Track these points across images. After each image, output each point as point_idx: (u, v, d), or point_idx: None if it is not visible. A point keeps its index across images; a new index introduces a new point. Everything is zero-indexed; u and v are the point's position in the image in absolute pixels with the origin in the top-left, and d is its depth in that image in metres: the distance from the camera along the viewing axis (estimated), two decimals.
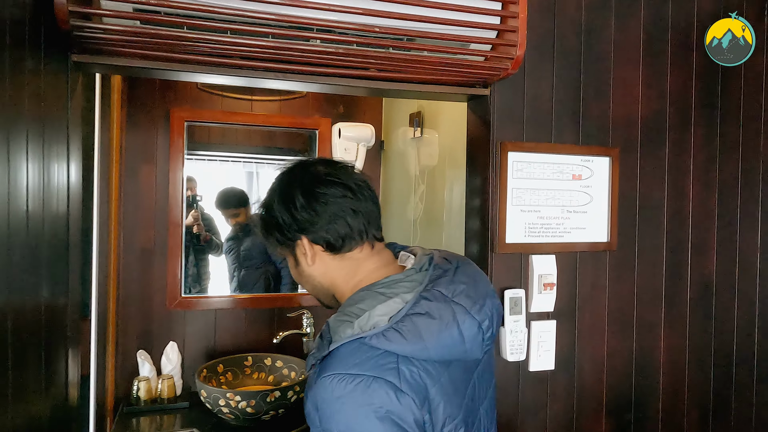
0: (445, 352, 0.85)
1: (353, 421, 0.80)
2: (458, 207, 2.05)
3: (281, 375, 2.23)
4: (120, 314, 2.19)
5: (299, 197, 0.94)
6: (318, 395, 0.83)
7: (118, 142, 2.16)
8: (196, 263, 2.36)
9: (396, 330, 0.83)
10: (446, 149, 2.12)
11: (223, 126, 2.34)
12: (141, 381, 2.10)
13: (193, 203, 2.34)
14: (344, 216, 0.93)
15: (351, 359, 0.83)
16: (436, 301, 0.87)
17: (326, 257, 0.96)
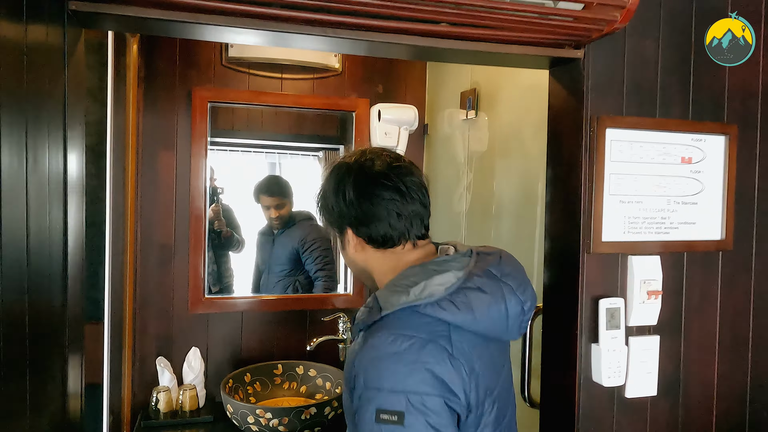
0: (490, 325, 0.91)
1: (405, 377, 0.82)
2: (510, 198, 1.79)
3: (315, 386, 2.00)
4: (137, 317, 1.97)
5: (350, 192, 0.98)
6: (368, 354, 0.86)
7: (135, 125, 1.93)
8: (216, 260, 2.16)
9: (450, 300, 0.88)
10: (499, 134, 1.86)
11: (248, 108, 2.11)
12: (160, 392, 1.89)
13: (214, 196, 2.11)
14: (388, 218, 0.97)
15: (405, 323, 0.87)
16: (487, 278, 0.93)
17: (369, 248, 1.01)
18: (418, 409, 0.81)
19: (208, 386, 2.02)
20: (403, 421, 0.81)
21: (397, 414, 0.81)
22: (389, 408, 0.82)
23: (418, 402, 0.82)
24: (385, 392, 0.82)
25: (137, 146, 1.94)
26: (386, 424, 0.81)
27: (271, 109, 2.16)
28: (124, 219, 1.92)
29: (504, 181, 1.85)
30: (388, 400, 0.82)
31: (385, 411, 0.82)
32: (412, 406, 0.81)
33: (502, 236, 1.83)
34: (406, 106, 2.13)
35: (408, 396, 0.82)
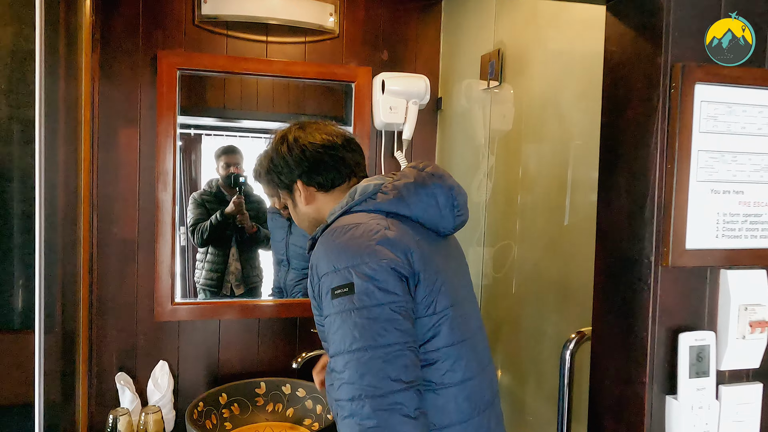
0: (422, 210, 1.02)
1: (347, 256, 0.91)
2: (541, 187, 1.43)
3: (304, 409, 1.68)
4: (94, 325, 1.66)
5: (295, 147, 1.13)
6: (316, 254, 0.96)
7: (88, 96, 1.61)
8: (239, 258, 1.86)
9: (381, 192, 1.03)
10: (527, 108, 1.49)
11: (241, 83, 1.77)
12: (120, 415, 1.58)
13: (236, 185, 1.80)
14: (334, 164, 1.13)
15: (343, 221, 0.99)
16: (410, 172, 1.06)
17: (319, 195, 1.15)
18: (364, 276, 0.89)
19: (178, 406, 1.71)
20: (354, 289, 0.89)
21: (347, 285, 0.89)
22: (339, 283, 0.90)
23: (364, 270, 0.89)
24: (333, 273, 0.91)
25: (92, 121, 1.62)
26: (340, 297, 0.89)
27: (268, 85, 1.82)
28: (77, 207, 1.61)
29: (532, 166, 1.49)
30: (337, 277, 0.90)
31: (338, 287, 0.90)
32: (358, 275, 0.89)
33: (530, 232, 1.48)
34: (415, 76, 1.78)
35: (354, 268, 0.90)
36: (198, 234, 1.84)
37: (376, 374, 0.84)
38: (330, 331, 0.91)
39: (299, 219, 1.19)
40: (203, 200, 1.85)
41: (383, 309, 0.88)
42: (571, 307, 1.21)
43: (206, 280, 1.85)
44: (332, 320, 0.90)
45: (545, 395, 1.33)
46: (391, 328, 0.88)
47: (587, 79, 1.19)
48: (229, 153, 1.87)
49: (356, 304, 0.88)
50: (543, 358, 1.33)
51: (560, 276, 1.25)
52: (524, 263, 1.49)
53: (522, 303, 1.50)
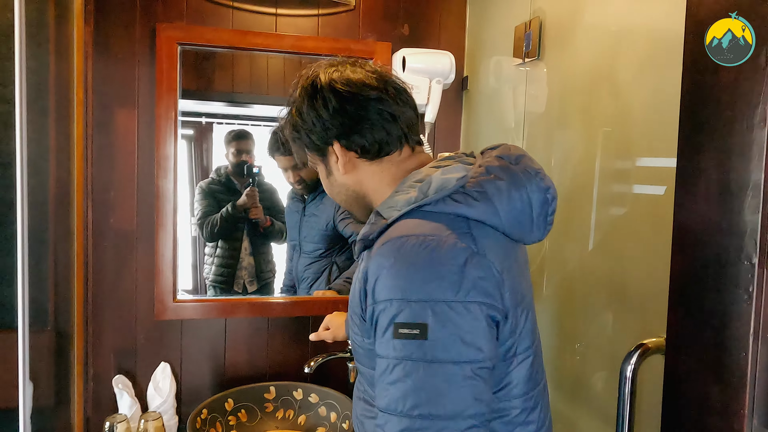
0: (513, 220, 0.78)
1: (424, 284, 0.68)
2: (582, 174, 1.26)
3: (316, 416, 1.54)
4: (90, 324, 1.53)
5: (332, 100, 0.84)
6: (376, 266, 0.72)
7: (81, 74, 1.47)
8: (252, 253, 1.72)
9: (464, 192, 0.77)
10: (569, 87, 1.33)
11: (234, 55, 1.62)
12: (117, 422, 1.45)
13: (249, 176, 1.67)
14: (381, 121, 0.85)
15: (415, 226, 0.74)
16: (500, 165, 0.80)
17: (361, 164, 0.88)
18: (444, 320, 0.68)
19: (181, 412, 1.58)
20: (427, 334, 0.68)
21: (419, 327, 0.68)
22: (409, 320, 0.69)
23: (444, 311, 0.68)
24: (400, 303, 0.69)
25: (85, 102, 1.48)
26: (406, 339, 0.68)
27: (279, 66, 1.67)
28: (69, 197, 1.48)
29: (565, 153, 1.33)
30: (406, 311, 0.69)
31: (405, 324, 0.69)
32: (437, 317, 0.68)
33: (567, 226, 1.32)
34: (439, 52, 1.62)
35: (432, 305, 0.68)
36: (207, 228, 1.69)
37: None
38: (382, 377, 0.71)
39: (332, 191, 0.94)
40: (211, 190, 1.71)
41: (462, 369, 0.68)
42: (625, 312, 1.05)
43: (216, 276, 1.72)
44: (388, 365, 0.70)
45: (592, 413, 1.17)
46: (468, 397, 0.68)
47: (647, 53, 1.02)
48: (240, 139, 1.73)
49: (427, 356, 0.67)
50: (589, 371, 1.18)
51: (610, 276, 1.10)
52: (559, 261, 1.33)
53: (559, 306, 1.34)
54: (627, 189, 1.08)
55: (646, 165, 1.03)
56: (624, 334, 1.06)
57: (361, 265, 0.80)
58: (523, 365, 0.79)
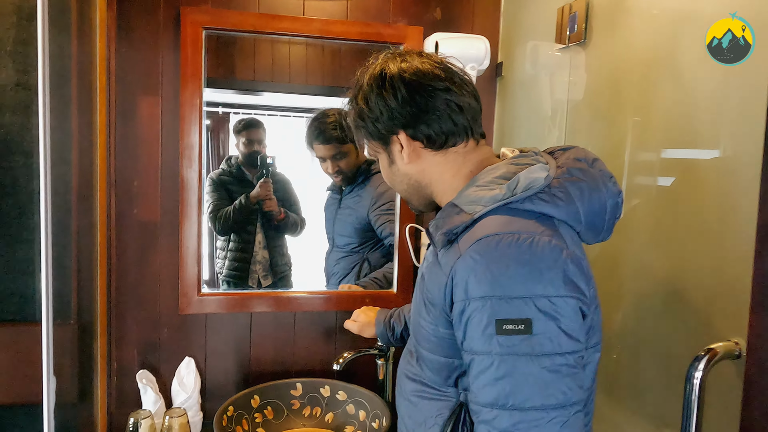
0: (591, 220, 0.80)
1: (526, 280, 0.70)
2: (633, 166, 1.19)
3: (345, 414, 1.49)
4: (113, 317, 1.49)
5: (401, 89, 0.86)
6: (469, 261, 0.73)
7: (104, 61, 1.42)
8: (267, 246, 1.67)
9: (551, 192, 0.78)
10: (610, 75, 1.25)
11: (256, 41, 1.56)
12: (141, 418, 1.41)
13: (263, 167, 1.61)
14: (448, 111, 0.86)
15: (505, 222, 0.75)
16: (580, 167, 0.82)
17: (426, 154, 0.89)
18: (547, 314, 0.70)
19: (206, 408, 1.54)
20: (531, 328, 0.70)
21: (523, 322, 0.70)
22: (513, 316, 0.70)
23: (547, 306, 0.71)
24: (500, 300, 0.71)
25: (108, 89, 1.43)
26: (511, 335, 0.70)
27: (302, 54, 1.61)
28: (92, 187, 1.43)
29: (608, 146, 1.26)
30: (508, 308, 0.71)
31: (509, 321, 0.71)
32: (540, 312, 0.70)
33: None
34: (473, 37, 1.54)
35: (534, 300, 0.70)
36: (219, 221, 1.63)
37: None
38: (484, 373, 0.73)
39: (393, 180, 0.95)
40: (222, 181, 1.65)
41: (567, 359, 0.71)
42: (682, 313, 0.98)
43: (229, 271, 1.66)
44: (492, 361, 0.72)
45: (645, 423, 1.11)
46: (574, 386, 0.71)
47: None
48: (250, 128, 1.67)
49: (534, 350, 0.70)
50: (643, 373, 1.11)
51: (667, 274, 1.03)
52: (607, 254, 1.26)
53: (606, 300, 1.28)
54: (685, 181, 1.01)
55: (707, 157, 0.96)
56: (682, 335, 0.99)
57: (441, 258, 0.81)
58: (593, 357, 0.82)
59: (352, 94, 0.93)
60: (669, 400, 1.00)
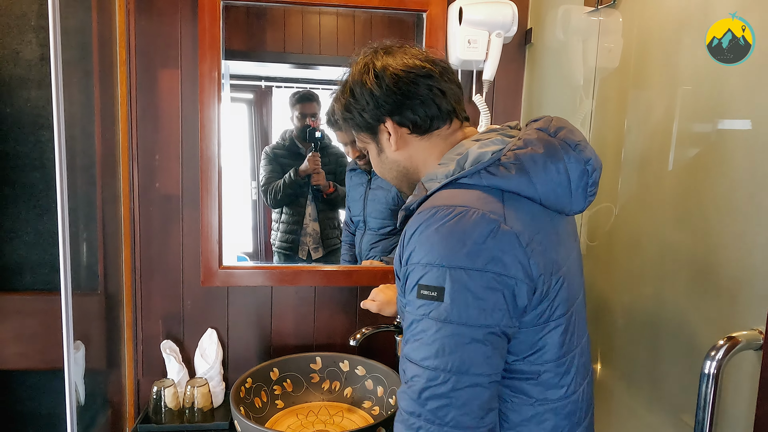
0: (550, 191, 0.81)
1: (447, 251, 0.74)
2: (650, 140, 1.11)
3: (363, 389, 1.49)
4: (138, 288, 1.53)
5: (385, 78, 0.89)
6: (411, 231, 0.78)
7: (123, 32, 1.42)
8: (317, 219, 1.69)
9: (500, 165, 0.81)
10: (642, 38, 1.16)
11: (284, 10, 1.53)
12: (165, 387, 1.45)
13: (312, 141, 1.62)
14: (432, 96, 0.89)
15: (451, 196, 0.79)
16: (538, 137, 0.83)
17: (412, 140, 0.92)
18: (460, 285, 0.73)
19: (228, 379, 1.57)
20: (443, 296, 0.73)
21: (437, 290, 0.74)
22: (430, 283, 0.74)
23: (462, 277, 0.73)
24: (424, 267, 0.75)
25: (128, 62, 1.44)
26: (425, 300, 0.75)
27: (331, 24, 1.58)
28: (115, 160, 1.46)
29: (638, 115, 1.17)
30: (427, 274, 0.75)
31: (426, 286, 0.75)
32: (453, 282, 0.73)
33: (643, 194, 1.17)
34: (500, 2, 1.47)
35: (450, 270, 0.73)
36: (270, 194, 1.66)
37: (442, 405, 0.74)
38: (407, 329, 0.79)
39: (383, 169, 0.98)
40: (275, 155, 1.66)
41: (474, 332, 0.74)
42: (710, 298, 0.91)
43: (282, 243, 1.68)
44: (412, 320, 0.77)
45: (662, 410, 1.05)
46: (475, 357, 0.74)
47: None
48: (304, 101, 1.66)
49: (442, 316, 0.73)
50: (662, 360, 1.05)
51: (692, 255, 0.95)
52: (629, 231, 1.19)
53: (627, 281, 1.21)
54: (713, 155, 0.93)
55: (738, 128, 0.87)
56: (706, 321, 0.92)
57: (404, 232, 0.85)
58: (555, 331, 0.82)
59: (338, 91, 0.95)
60: (688, 388, 0.94)
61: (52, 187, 1.46)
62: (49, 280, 1.50)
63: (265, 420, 1.39)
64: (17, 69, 1.43)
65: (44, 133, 1.45)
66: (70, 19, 1.41)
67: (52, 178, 1.46)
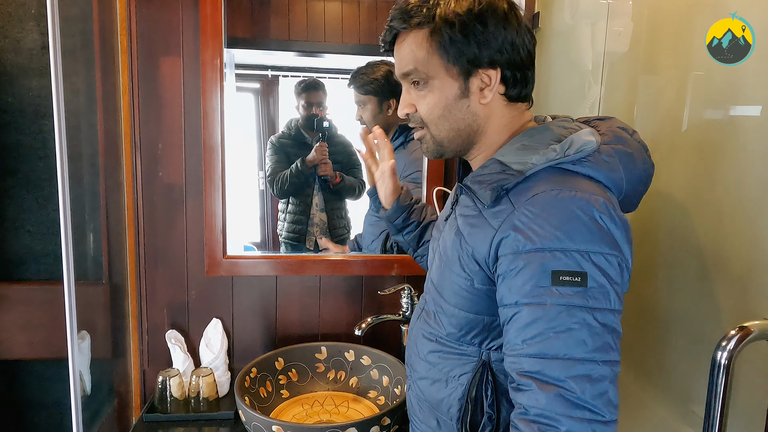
0: (633, 188, 0.82)
1: (583, 235, 0.70)
2: (660, 126, 1.08)
3: (369, 379, 1.48)
4: (143, 278, 1.52)
5: (527, 34, 0.83)
6: (532, 213, 0.72)
7: (124, 20, 1.41)
8: (325, 209, 1.68)
9: (599, 157, 0.79)
10: (653, 22, 1.13)
11: (307, 5, 1.51)
12: (171, 376, 1.45)
13: (319, 130, 1.60)
14: (532, 72, 0.86)
15: (561, 180, 0.75)
16: (624, 136, 0.83)
17: (500, 101, 0.85)
18: (602, 270, 0.70)
19: (233, 369, 1.56)
20: (587, 281, 0.70)
21: (579, 275, 0.70)
22: (569, 268, 0.70)
23: (603, 262, 0.70)
24: (562, 252, 0.70)
25: (129, 51, 1.42)
26: (566, 286, 0.70)
27: (336, 12, 1.56)
28: (118, 149, 1.44)
29: (648, 101, 1.14)
30: (567, 260, 0.70)
31: (565, 272, 0.70)
32: (596, 266, 0.70)
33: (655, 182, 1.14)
34: None
35: (591, 255, 0.70)
36: (277, 184, 1.65)
37: (605, 396, 0.68)
38: (532, 325, 0.71)
39: (451, 115, 0.85)
40: (282, 144, 1.65)
41: (616, 317, 0.71)
42: (721, 287, 0.89)
43: (288, 233, 1.68)
44: (543, 312, 0.70)
45: (671, 401, 1.03)
46: (617, 344, 0.71)
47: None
48: (310, 90, 1.65)
49: (589, 302, 0.69)
50: (672, 350, 1.03)
51: (703, 242, 0.93)
52: (638, 218, 1.17)
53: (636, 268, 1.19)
54: (724, 141, 0.90)
55: (750, 115, 0.85)
56: (717, 311, 0.90)
57: (485, 213, 0.79)
58: None
59: (460, 4, 0.80)
60: (698, 379, 0.92)
61: (55, 177, 1.46)
62: (54, 270, 1.50)
63: (270, 410, 1.38)
64: (19, 58, 1.42)
65: (47, 122, 1.44)
66: (71, 7, 1.40)
67: (55, 167, 1.46)
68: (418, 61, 0.82)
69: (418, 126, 0.89)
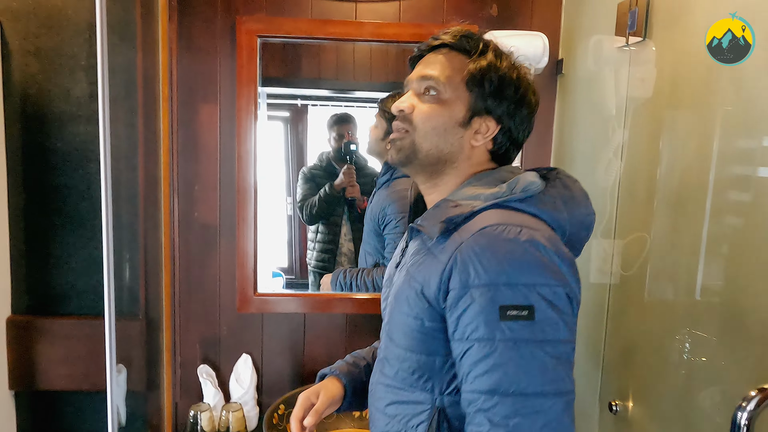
0: (573, 231, 0.84)
1: (529, 268, 0.72)
2: (683, 172, 1.09)
3: None
4: (178, 313, 1.58)
5: (532, 121, 0.89)
6: (478, 247, 0.74)
7: (166, 70, 1.49)
8: (352, 238, 1.71)
9: (542, 197, 0.82)
10: (676, 69, 1.15)
11: (337, 48, 1.58)
12: (202, 411, 1.49)
13: (347, 153, 1.66)
14: (519, 150, 0.92)
15: (507, 216, 0.78)
16: (567, 182, 0.87)
17: (484, 150, 0.88)
18: (549, 302, 0.72)
19: (262, 404, 1.60)
20: (534, 315, 0.71)
21: (527, 308, 0.71)
22: (516, 302, 0.71)
23: (549, 294, 0.72)
24: (504, 287, 0.72)
25: (170, 97, 1.51)
26: (514, 321, 0.71)
27: (365, 52, 1.63)
28: (157, 191, 1.52)
29: (672, 144, 1.16)
30: (514, 294, 0.72)
31: (512, 306, 0.71)
32: (543, 299, 0.71)
33: (675, 226, 1.16)
34: (531, 34, 1.48)
35: (537, 288, 0.72)
36: (306, 209, 1.70)
37: (557, 429, 0.70)
38: (483, 361, 0.72)
39: (441, 136, 0.86)
40: (313, 175, 1.71)
41: (566, 348, 0.73)
42: (740, 343, 0.90)
43: (317, 262, 1.72)
44: (493, 348, 0.71)
45: None
46: (570, 375, 0.72)
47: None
48: (341, 123, 1.70)
49: (536, 335, 0.70)
50: (693, 402, 1.03)
51: (726, 294, 0.94)
52: (663, 263, 1.18)
53: (659, 316, 1.19)
54: (751, 195, 0.92)
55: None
56: (738, 370, 0.90)
57: (434, 249, 0.80)
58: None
59: (510, 66, 0.86)
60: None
61: (98, 217, 1.54)
62: (94, 305, 1.57)
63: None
64: (67, 106, 1.51)
65: (92, 165, 1.53)
66: (117, 57, 1.49)
67: (98, 208, 1.54)
68: (447, 77, 0.84)
69: (403, 128, 0.88)
